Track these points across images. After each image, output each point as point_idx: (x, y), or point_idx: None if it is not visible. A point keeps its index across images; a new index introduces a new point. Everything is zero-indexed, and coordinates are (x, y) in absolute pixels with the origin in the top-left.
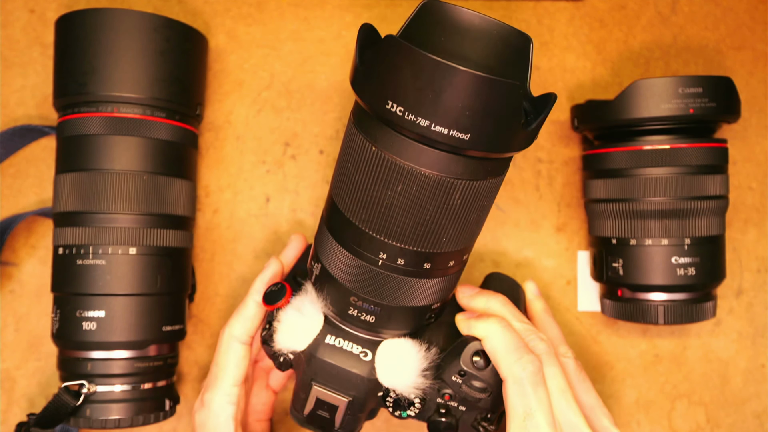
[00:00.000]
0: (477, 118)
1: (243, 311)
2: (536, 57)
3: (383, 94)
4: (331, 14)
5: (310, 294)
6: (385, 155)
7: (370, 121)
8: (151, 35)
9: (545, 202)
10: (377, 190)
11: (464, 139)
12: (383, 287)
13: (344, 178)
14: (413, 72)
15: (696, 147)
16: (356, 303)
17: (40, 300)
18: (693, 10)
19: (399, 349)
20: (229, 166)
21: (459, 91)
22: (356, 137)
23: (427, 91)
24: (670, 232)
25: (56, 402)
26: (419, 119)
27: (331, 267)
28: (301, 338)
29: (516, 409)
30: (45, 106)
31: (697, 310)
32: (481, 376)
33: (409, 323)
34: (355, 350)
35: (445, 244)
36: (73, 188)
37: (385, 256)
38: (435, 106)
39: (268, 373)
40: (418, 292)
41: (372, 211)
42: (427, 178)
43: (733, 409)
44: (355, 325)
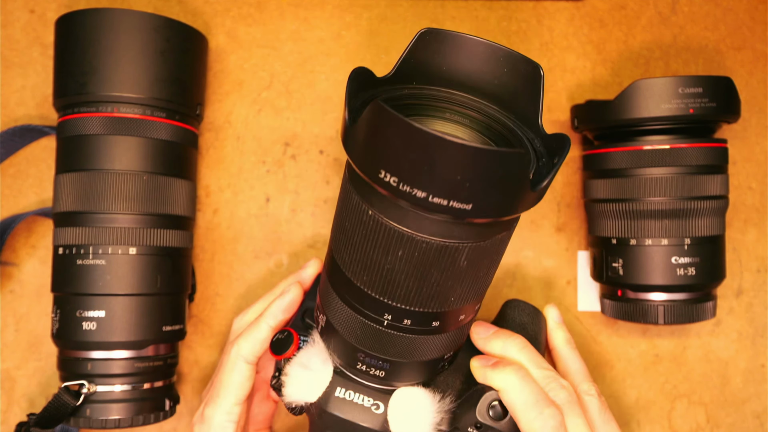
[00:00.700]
0: (478, 189)
1: (254, 333)
2: (536, 57)
3: (375, 163)
4: (331, 14)
5: (317, 345)
6: (382, 221)
7: (365, 185)
8: (151, 35)
9: (545, 202)
10: (377, 254)
11: (466, 210)
12: (390, 346)
13: (342, 237)
14: (404, 143)
15: (696, 147)
16: (364, 359)
17: (40, 300)
18: (693, 10)
19: (412, 400)
20: (229, 166)
21: (455, 163)
22: (352, 197)
23: (421, 163)
24: (670, 232)
25: (56, 402)
26: (415, 191)
27: (336, 323)
28: (310, 392)
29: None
30: (45, 106)
31: (697, 310)
32: (498, 427)
33: (422, 374)
34: (366, 403)
35: (454, 302)
36: (73, 188)
37: (391, 317)
38: (431, 178)
39: (268, 383)
40: (428, 348)
41: (373, 273)
42: (429, 245)
43: (733, 409)
44: (366, 377)
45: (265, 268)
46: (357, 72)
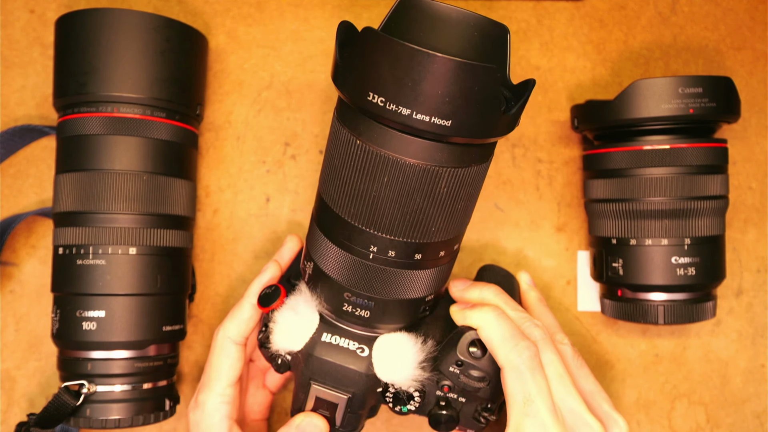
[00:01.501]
0: (457, 103)
1: (238, 313)
2: (536, 57)
3: (364, 86)
4: (331, 14)
5: (304, 294)
6: (369, 147)
7: (353, 115)
8: (151, 35)
9: (545, 202)
10: (364, 182)
11: (446, 126)
12: (376, 281)
13: (331, 174)
14: (391, 62)
15: (696, 147)
16: (350, 299)
17: (40, 300)
18: (693, 10)
19: (395, 343)
20: (229, 166)
21: (437, 77)
22: (340, 132)
23: (406, 80)
24: (670, 232)
25: (56, 402)
26: (400, 108)
27: (323, 264)
28: (297, 338)
29: (515, 396)
30: (45, 106)
31: (697, 310)
32: (478, 365)
33: (404, 316)
34: (351, 347)
35: (435, 234)
36: (73, 188)
37: (376, 249)
38: (415, 94)
39: (264, 372)
40: (410, 284)
41: (360, 204)
42: (412, 168)
43: (733, 409)
44: (351, 321)
45: None
46: (344, 26)
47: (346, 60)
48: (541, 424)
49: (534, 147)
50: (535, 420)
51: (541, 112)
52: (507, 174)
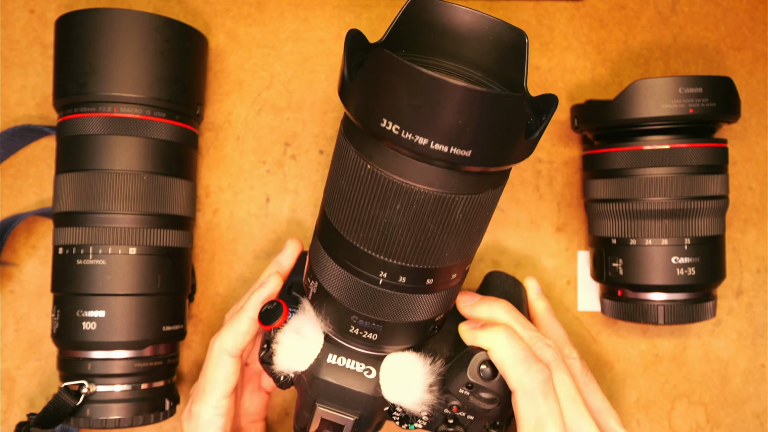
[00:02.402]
0: (478, 134)
1: (236, 325)
2: (536, 57)
3: (377, 112)
4: (331, 14)
5: (308, 312)
6: (381, 173)
7: (363, 137)
8: (151, 35)
9: (545, 202)
10: (374, 208)
11: (465, 156)
12: (385, 306)
13: (337, 195)
14: (408, 89)
15: (696, 147)
16: (357, 321)
17: (40, 300)
18: (693, 10)
19: (404, 364)
20: (229, 166)
21: (458, 107)
22: (348, 152)
23: (424, 108)
24: (670, 232)
25: (56, 402)
26: (417, 138)
27: (329, 286)
28: (301, 359)
29: (527, 420)
30: (45, 106)
31: (697, 310)
32: (488, 387)
33: (413, 337)
34: (358, 368)
35: (448, 258)
36: (73, 188)
37: (386, 274)
38: (433, 124)
39: (259, 375)
40: (420, 308)
41: (370, 230)
42: (427, 196)
43: (733, 409)
44: (358, 342)
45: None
46: (352, 34)
47: (357, 80)
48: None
49: None
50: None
51: None
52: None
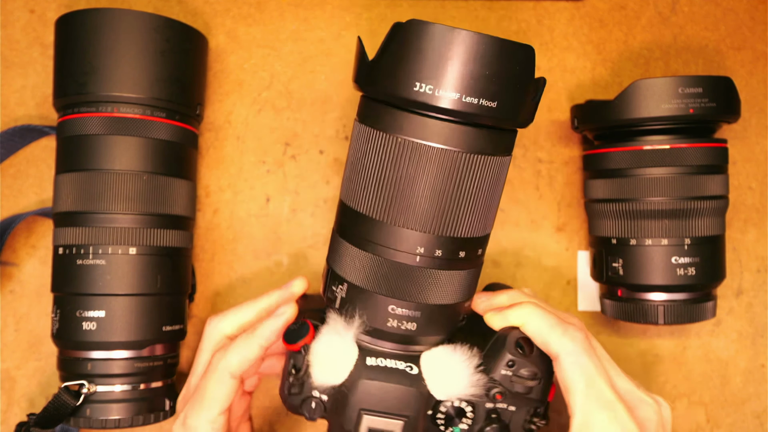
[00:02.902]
0: (501, 83)
1: (245, 351)
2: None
3: (410, 78)
4: (331, 14)
5: (337, 321)
6: (413, 143)
7: (390, 115)
8: (151, 35)
9: (545, 202)
10: (408, 181)
11: (492, 107)
12: (423, 285)
13: (368, 183)
14: (439, 48)
15: (696, 147)
16: (394, 312)
17: (40, 300)
18: (693, 10)
19: (444, 356)
20: (229, 166)
21: (484, 58)
22: (375, 137)
23: (455, 64)
24: (670, 232)
25: (56, 402)
26: (450, 93)
27: (362, 280)
28: (340, 369)
29: (576, 381)
30: (45, 106)
31: (697, 310)
32: (529, 360)
33: (447, 325)
34: (399, 366)
35: (476, 226)
36: (73, 188)
37: (423, 249)
38: (463, 76)
39: (243, 381)
40: (454, 286)
41: (405, 205)
42: (456, 156)
43: (733, 409)
44: (394, 340)
45: (265, 268)
46: (359, 41)
47: (384, 55)
48: (608, 403)
49: (534, 147)
50: (601, 401)
51: (541, 112)
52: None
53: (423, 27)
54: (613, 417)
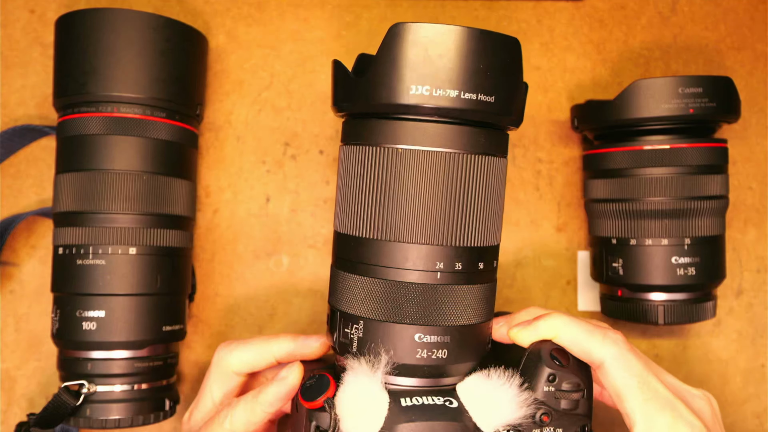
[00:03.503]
0: (496, 76)
1: (249, 416)
2: (536, 57)
3: (404, 83)
4: (331, 14)
5: (359, 364)
6: (414, 150)
7: (385, 127)
8: (151, 35)
9: (545, 202)
10: (414, 192)
11: (490, 102)
12: (448, 304)
13: (368, 204)
14: (435, 46)
15: (696, 147)
16: (422, 340)
17: (40, 300)
18: (693, 10)
19: (481, 383)
20: (229, 166)
21: (478, 52)
22: (370, 154)
23: (451, 60)
24: (670, 232)
25: (56, 402)
26: (447, 91)
27: (382, 312)
28: (373, 417)
29: (629, 384)
30: (45, 106)
31: (697, 310)
32: (570, 372)
33: (477, 349)
34: (438, 401)
35: (489, 233)
36: (73, 188)
37: (443, 264)
38: (459, 73)
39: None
40: (479, 303)
41: (416, 218)
42: (459, 158)
43: (733, 409)
44: (424, 375)
45: (265, 268)
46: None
47: (376, 66)
48: (667, 402)
49: (534, 147)
50: (660, 401)
51: (541, 112)
52: (507, 174)
53: (410, 28)
54: (678, 415)
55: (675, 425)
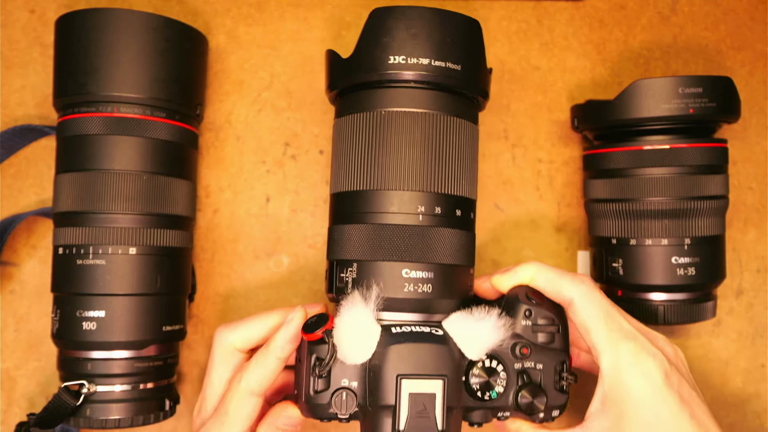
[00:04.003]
0: (462, 48)
1: (263, 365)
2: (536, 57)
3: (384, 54)
4: (331, 14)
5: (353, 298)
6: (396, 111)
7: (371, 95)
8: (151, 35)
9: (545, 202)
10: (396, 147)
11: (457, 70)
12: (430, 243)
13: (359, 161)
14: (406, 23)
15: (696, 147)
16: (409, 276)
17: (40, 300)
18: (693, 10)
19: (465, 317)
20: (229, 166)
21: (445, 27)
22: (359, 120)
23: (422, 33)
24: (670, 232)
25: (56, 402)
26: (420, 60)
27: (371, 252)
28: (367, 342)
29: (595, 317)
30: (45, 106)
31: (697, 310)
32: (544, 308)
33: (459, 289)
34: (425, 329)
35: (464, 185)
36: (73, 188)
37: (424, 208)
38: (430, 44)
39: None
40: (458, 245)
41: (399, 168)
42: (435, 117)
43: (733, 409)
44: (412, 308)
45: (265, 268)
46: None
47: (359, 47)
48: (630, 333)
49: (534, 147)
50: (623, 332)
51: (541, 112)
52: (507, 174)
53: (387, 10)
54: (641, 345)
55: (638, 353)
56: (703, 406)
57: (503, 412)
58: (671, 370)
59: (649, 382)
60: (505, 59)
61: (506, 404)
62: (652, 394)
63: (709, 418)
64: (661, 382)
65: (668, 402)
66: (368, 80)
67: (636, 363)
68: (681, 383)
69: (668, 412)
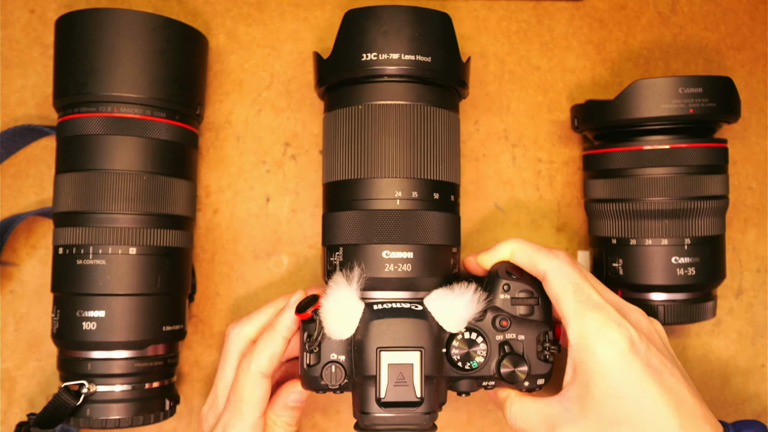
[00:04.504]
0: (431, 41)
1: (270, 348)
2: (536, 57)
3: (357, 51)
4: (331, 14)
5: (338, 278)
6: (375, 104)
7: (352, 90)
8: (151, 35)
9: (545, 202)
10: (377, 137)
11: (427, 62)
12: (408, 225)
13: (344, 153)
14: (376, 21)
15: (696, 147)
16: (389, 257)
17: (40, 300)
18: (693, 10)
19: (445, 292)
20: (229, 166)
21: (413, 23)
22: (344, 114)
23: (391, 30)
24: (670, 232)
25: (56, 402)
26: (390, 55)
27: (355, 236)
28: (350, 319)
29: (564, 289)
30: (45, 106)
31: (697, 310)
32: (522, 281)
33: (440, 267)
34: (405, 305)
35: (442, 169)
36: (73, 188)
37: (401, 193)
38: (399, 40)
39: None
40: (437, 226)
41: (379, 157)
42: (410, 108)
43: (733, 409)
44: (394, 287)
45: (265, 268)
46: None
47: (336, 48)
48: (598, 304)
49: (534, 147)
50: (591, 303)
51: (541, 112)
52: (507, 174)
53: (359, 11)
54: (607, 315)
55: (604, 322)
56: (676, 375)
57: (488, 382)
58: (640, 338)
59: (613, 348)
60: (505, 59)
61: (489, 374)
62: (616, 360)
63: (684, 387)
64: (626, 349)
65: (634, 368)
66: (345, 78)
67: (600, 331)
68: (650, 351)
69: (634, 378)
